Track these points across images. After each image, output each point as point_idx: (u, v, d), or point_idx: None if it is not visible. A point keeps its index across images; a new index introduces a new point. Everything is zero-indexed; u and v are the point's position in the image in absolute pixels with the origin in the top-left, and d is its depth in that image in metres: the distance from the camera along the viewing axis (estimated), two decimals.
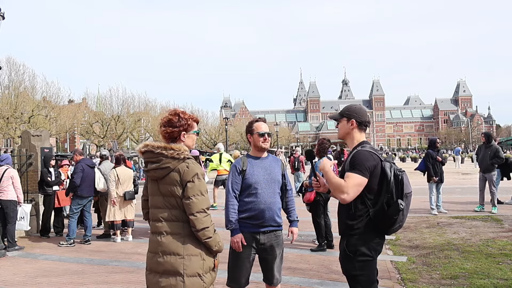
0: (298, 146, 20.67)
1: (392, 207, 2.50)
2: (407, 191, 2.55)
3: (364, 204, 2.59)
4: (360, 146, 2.71)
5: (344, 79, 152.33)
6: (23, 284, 5.25)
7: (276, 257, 3.30)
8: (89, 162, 8.02)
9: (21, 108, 31.01)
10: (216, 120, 63.69)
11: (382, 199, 2.55)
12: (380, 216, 2.55)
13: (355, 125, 2.77)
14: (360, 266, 2.60)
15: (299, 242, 7.14)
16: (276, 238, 3.30)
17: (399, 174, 2.56)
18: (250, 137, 3.38)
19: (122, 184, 7.76)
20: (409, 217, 8.79)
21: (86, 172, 7.71)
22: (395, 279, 4.89)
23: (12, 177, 7.07)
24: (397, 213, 2.50)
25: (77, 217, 7.69)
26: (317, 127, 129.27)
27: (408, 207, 2.59)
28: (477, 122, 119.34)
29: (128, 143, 48.67)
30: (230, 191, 3.28)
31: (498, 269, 5.06)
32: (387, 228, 2.58)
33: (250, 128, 3.37)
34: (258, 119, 3.44)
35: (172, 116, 2.55)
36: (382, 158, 2.64)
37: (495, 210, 9.25)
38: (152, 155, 2.47)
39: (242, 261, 3.23)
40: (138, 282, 5.09)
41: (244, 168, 3.26)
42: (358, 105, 2.89)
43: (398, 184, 2.54)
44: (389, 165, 2.60)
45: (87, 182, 7.71)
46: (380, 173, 2.59)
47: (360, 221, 2.60)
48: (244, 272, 3.24)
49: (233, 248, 3.23)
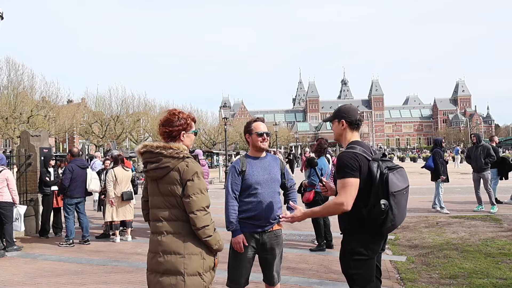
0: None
1: (376, 207, 2.48)
2: (394, 190, 2.49)
3: (356, 204, 2.56)
4: (347, 147, 2.69)
5: (343, 79, 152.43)
6: (22, 284, 5.24)
7: (275, 257, 3.30)
8: (80, 163, 7.86)
9: (20, 108, 30.93)
10: (215, 120, 63.66)
11: (372, 199, 2.52)
12: (369, 217, 2.52)
13: (345, 125, 2.76)
14: (355, 265, 2.60)
15: (299, 242, 7.14)
16: (276, 238, 3.30)
17: (385, 173, 2.51)
18: (248, 137, 3.37)
19: (120, 184, 7.73)
20: (409, 216, 8.79)
21: (76, 172, 7.60)
22: (395, 279, 4.89)
23: (7, 179, 6.99)
24: (382, 213, 2.46)
25: (73, 217, 7.63)
26: (316, 127, 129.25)
27: (401, 206, 2.54)
28: (476, 122, 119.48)
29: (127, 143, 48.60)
30: (230, 192, 3.26)
31: (497, 269, 5.07)
32: (378, 228, 2.55)
33: (248, 128, 3.36)
34: (257, 119, 3.43)
35: (171, 115, 2.55)
36: (370, 158, 2.59)
37: (493, 210, 9.25)
38: (151, 155, 2.47)
39: (242, 261, 3.22)
40: (137, 282, 5.08)
41: (243, 169, 3.25)
42: (347, 105, 2.88)
43: (382, 183, 2.50)
44: (376, 164, 2.55)
45: (77, 183, 7.61)
46: (367, 172, 2.55)
47: (354, 221, 2.59)
48: (244, 272, 3.24)
49: (235, 249, 3.22)
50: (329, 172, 6.56)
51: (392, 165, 2.59)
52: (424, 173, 24.50)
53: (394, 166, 2.59)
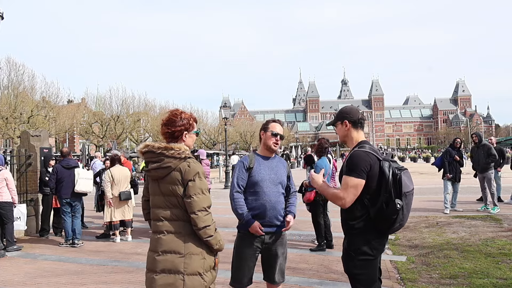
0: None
1: (390, 206, 2.50)
2: (406, 190, 2.53)
3: (363, 204, 2.58)
4: (358, 146, 2.71)
5: (344, 79, 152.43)
6: (23, 284, 5.25)
7: (279, 257, 3.29)
8: (65, 163, 7.67)
9: (20, 108, 30.94)
10: (216, 120, 63.65)
11: (381, 199, 2.53)
12: (379, 216, 2.54)
13: (349, 125, 2.78)
14: (361, 265, 2.60)
15: (299, 242, 7.14)
16: (280, 238, 3.30)
17: (398, 173, 2.54)
18: (263, 134, 3.38)
19: (117, 184, 7.71)
20: (409, 216, 8.79)
21: (61, 173, 7.48)
22: (395, 279, 4.89)
23: (6, 179, 6.97)
24: (395, 212, 2.49)
25: (69, 217, 7.48)
26: (316, 127, 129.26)
27: (409, 206, 2.58)
28: (476, 122, 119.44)
29: (127, 143, 48.59)
30: (235, 186, 3.22)
31: (497, 269, 5.07)
32: (387, 228, 2.58)
33: (266, 125, 3.38)
34: (276, 120, 3.46)
35: (173, 115, 2.56)
36: (381, 158, 2.62)
37: (494, 211, 9.22)
38: (153, 155, 2.47)
39: (246, 261, 3.22)
40: (137, 282, 5.09)
41: (251, 165, 3.25)
42: (348, 106, 2.92)
43: (396, 183, 2.52)
44: (387, 164, 2.58)
45: (63, 184, 7.47)
46: (379, 172, 2.57)
47: (360, 221, 2.60)
48: (247, 272, 3.24)
49: (254, 233, 3.17)
50: (331, 172, 6.55)
51: (400, 166, 2.62)
52: (424, 173, 24.62)
53: (401, 167, 2.62)
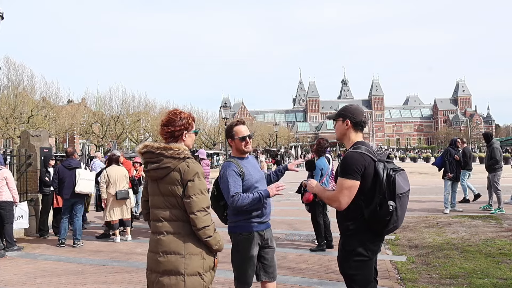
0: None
1: (384, 208, 2.48)
2: (400, 192, 2.50)
3: (357, 205, 2.57)
4: (353, 147, 2.69)
5: (344, 79, 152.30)
6: (23, 284, 5.25)
7: (274, 250, 3.36)
8: (67, 163, 7.67)
9: (20, 108, 30.95)
10: (216, 120, 63.66)
11: (375, 200, 2.52)
12: (373, 217, 2.53)
13: (350, 125, 2.75)
14: (356, 266, 2.60)
15: (299, 242, 7.14)
16: (271, 231, 3.37)
17: (392, 174, 2.52)
18: (231, 142, 3.30)
19: (114, 184, 7.69)
20: (409, 216, 8.79)
21: (62, 173, 7.51)
22: (395, 279, 4.89)
23: (6, 178, 6.97)
24: (388, 214, 2.47)
25: (66, 217, 7.48)
26: (316, 127, 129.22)
27: (404, 207, 2.56)
28: (476, 122, 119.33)
29: (127, 143, 48.60)
30: (233, 191, 3.06)
31: (497, 269, 5.06)
32: (381, 229, 2.56)
33: (230, 133, 3.29)
34: (237, 122, 3.33)
35: (173, 115, 2.56)
36: (376, 158, 2.60)
37: (494, 212, 9.20)
38: (152, 156, 2.47)
39: (252, 260, 3.21)
40: (137, 282, 5.09)
41: (242, 170, 3.19)
42: (354, 105, 2.86)
43: (390, 184, 2.50)
44: (382, 165, 2.56)
45: (64, 184, 7.49)
46: (373, 173, 2.55)
47: (355, 222, 2.60)
48: (251, 272, 3.23)
49: (276, 194, 3.12)
50: (329, 172, 6.55)
51: (395, 167, 2.60)
52: (424, 173, 24.60)
53: (397, 168, 2.60)
